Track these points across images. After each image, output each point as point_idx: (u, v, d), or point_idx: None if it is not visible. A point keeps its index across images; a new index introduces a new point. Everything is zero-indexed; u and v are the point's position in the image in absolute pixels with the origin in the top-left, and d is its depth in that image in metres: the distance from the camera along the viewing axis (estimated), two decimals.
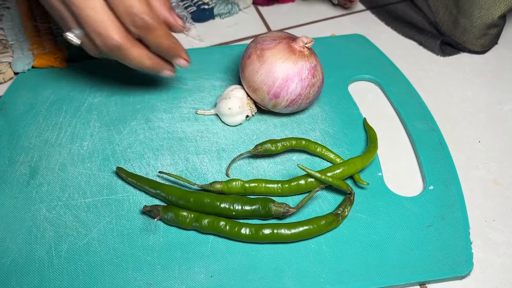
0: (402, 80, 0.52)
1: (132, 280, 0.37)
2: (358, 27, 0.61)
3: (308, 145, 0.44)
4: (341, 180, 0.40)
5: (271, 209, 0.39)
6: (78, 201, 0.42)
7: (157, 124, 0.48)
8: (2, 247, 0.39)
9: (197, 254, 0.38)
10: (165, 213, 0.39)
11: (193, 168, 0.44)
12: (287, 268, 0.37)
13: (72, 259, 0.38)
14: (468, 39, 0.56)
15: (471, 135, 0.48)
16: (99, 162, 0.45)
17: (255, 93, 0.45)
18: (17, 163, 0.45)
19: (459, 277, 0.38)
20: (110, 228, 0.40)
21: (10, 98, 0.51)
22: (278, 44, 0.44)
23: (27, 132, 0.47)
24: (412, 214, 0.41)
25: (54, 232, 0.40)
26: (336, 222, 0.39)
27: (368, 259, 0.38)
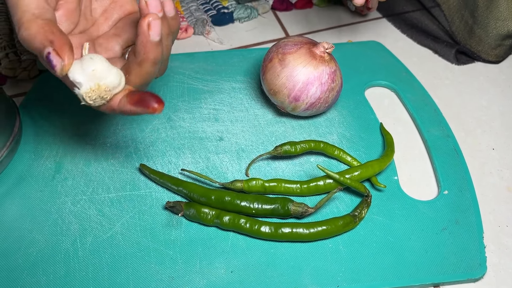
0: (417, 87, 0.54)
1: (154, 273, 0.38)
2: (375, 34, 0.62)
3: (326, 148, 0.45)
4: (359, 182, 0.42)
5: (290, 209, 0.40)
6: (102, 196, 0.43)
7: (178, 123, 0.49)
8: (29, 237, 0.40)
9: (218, 249, 0.39)
10: (187, 209, 0.40)
11: (213, 167, 0.46)
12: (305, 266, 0.39)
13: (96, 251, 0.39)
14: (483, 49, 0.57)
15: (485, 143, 0.49)
16: (122, 158, 0.46)
17: (275, 95, 0.46)
18: (42, 157, 0.46)
19: (473, 280, 0.39)
20: (133, 222, 0.41)
21: (35, 94, 0.53)
22: (300, 49, 0.45)
23: (52, 128, 0.49)
24: (427, 218, 0.42)
25: (79, 225, 0.41)
26: (353, 223, 0.40)
27: (384, 260, 0.39)
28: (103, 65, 0.32)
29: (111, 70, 0.32)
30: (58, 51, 0.30)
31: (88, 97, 0.32)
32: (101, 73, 0.32)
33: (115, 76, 0.32)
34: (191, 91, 0.53)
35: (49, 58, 0.30)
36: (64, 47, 0.31)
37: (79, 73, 0.32)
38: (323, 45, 0.45)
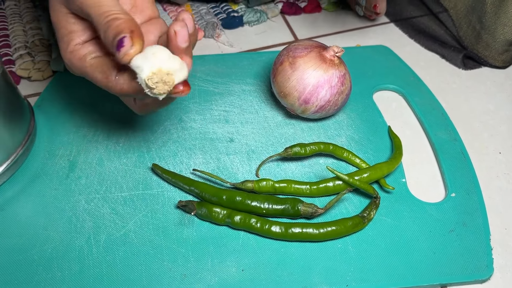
0: (425, 91, 0.54)
1: (167, 271, 0.39)
2: (382, 38, 0.63)
3: (335, 150, 0.46)
4: (368, 184, 0.42)
5: (300, 209, 0.41)
6: (115, 195, 0.44)
7: (189, 124, 0.50)
8: (44, 234, 0.41)
9: (229, 248, 0.40)
10: (199, 209, 0.41)
11: (224, 167, 0.46)
12: (315, 265, 0.39)
13: (110, 249, 0.40)
14: (490, 54, 0.58)
15: (492, 147, 0.50)
16: (134, 158, 0.47)
17: (285, 98, 0.47)
18: (56, 156, 0.47)
19: (480, 281, 0.39)
20: (146, 221, 0.42)
21: (49, 95, 0.53)
22: (310, 52, 0.46)
23: (66, 128, 0.50)
24: (435, 220, 0.42)
25: (92, 222, 0.42)
26: (362, 224, 0.41)
27: (392, 260, 0.40)
28: (163, 51, 0.32)
29: (170, 56, 0.32)
30: (133, 39, 0.32)
31: (150, 81, 0.32)
32: (162, 57, 0.32)
33: (176, 61, 0.32)
34: (201, 93, 0.54)
35: (122, 40, 0.32)
36: (140, 36, 0.33)
37: (140, 58, 0.32)
38: (333, 49, 0.46)
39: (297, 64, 0.46)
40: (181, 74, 0.33)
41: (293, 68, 0.46)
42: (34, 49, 0.59)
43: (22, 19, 0.63)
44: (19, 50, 0.59)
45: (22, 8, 0.65)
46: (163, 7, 0.66)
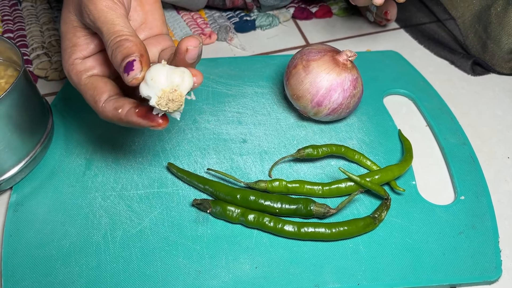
0: (434, 96, 0.55)
1: (182, 267, 0.40)
2: (392, 44, 0.64)
3: (347, 152, 0.47)
4: (379, 186, 0.43)
5: (312, 209, 0.42)
6: (130, 192, 0.45)
7: (203, 125, 0.51)
8: (62, 230, 0.42)
9: (243, 246, 0.41)
10: (214, 207, 0.42)
11: (237, 167, 0.47)
12: (327, 264, 0.40)
13: (126, 245, 0.41)
14: (496, 62, 0.59)
15: (500, 151, 0.50)
16: (150, 157, 0.48)
17: (298, 100, 0.48)
18: (73, 154, 0.48)
19: (488, 282, 0.40)
20: (161, 218, 0.43)
21: (66, 94, 0.55)
22: (323, 56, 0.47)
23: (82, 127, 0.51)
24: (444, 222, 0.43)
25: (109, 219, 0.43)
26: (373, 224, 0.42)
27: (402, 261, 0.40)
28: (160, 72, 0.33)
29: (170, 71, 0.33)
30: (143, 63, 0.33)
31: (160, 105, 0.33)
32: (160, 80, 0.33)
33: (175, 75, 0.33)
34: (215, 95, 0.55)
35: (132, 64, 0.33)
36: (147, 61, 0.34)
37: (144, 87, 0.33)
38: (346, 53, 0.47)
39: (311, 68, 0.47)
40: (185, 85, 0.33)
41: (306, 71, 0.47)
42: (51, 50, 0.60)
43: (38, 20, 0.65)
44: (36, 50, 0.60)
45: (38, 9, 0.67)
46: (177, 11, 0.68)
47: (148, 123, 0.34)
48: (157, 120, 0.34)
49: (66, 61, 0.39)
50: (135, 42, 0.34)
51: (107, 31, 0.35)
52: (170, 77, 0.33)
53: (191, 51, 0.34)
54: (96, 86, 0.38)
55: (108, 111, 0.37)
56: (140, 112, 0.35)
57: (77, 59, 0.39)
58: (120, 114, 0.35)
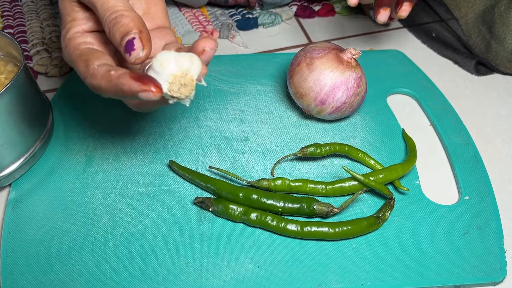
0: (438, 96, 0.55)
1: (183, 266, 0.39)
2: (396, 43, 0.63)
3: (350, 151, 0.46)
4: (383, 185, 0.43)
5: (315, 208, 0.41)
6: (131, 190, 0.44)
7: (205, 123, 0.51)
8: (62, 227, 0.42)
9: (245, 245, 0.41)
10: (216, 205, 0.42)
11: (239, 165, 0.47)
12: (330, 264, 0.40)
13: (127, 243, 0.41)
14: (500, 62, 0.59)
15: (505, 152, 0.50)
16: (151, 155, 0.47)
17: (302, 98, 0.47)
18: (73, 151, 0.48)
19: (493, 283, 0.40)
20: (162, 216, 0.42)
21: (66, 91, 0.54)
22: (327, 54, 0.47)
23: (82, 123, 0.50)
24: (448, 222, 0.43)
25: (109, 217, 0.42)
26: (376, 224, 0.41)
27: (406, 261, 0.40)
28: (168, 57, 0.32)
29: (178, 56, 0.32)
30: (143, 41, 0.32)
31: (172, 91, 0.32)
32: (168, 63, 0.32)
33: (184, 59, 0.32)
34: (217, 92, 0.54)
35: (132, 42, 0.32)
36: (148, 37, 0.33)
37: (153, 74, 0.32)
38: (350, 51, 0.46)
39: (314, 65, 0.46)
40: (195, 68, 0.33)
41: (310, 69, 0.46)
42: (51, 46, 0.59)
43: (39, 16, 0.64)
44: (36, 46, 0.59)
45: (38, 6, 0.66)
46: (179, 8, 0.67)
47: (140, 87, 0.30)
48: (149, 85, 0.30)
49: (64, 36, 0.37)
50: (132, 18, 0.33)
51: (101, 7, 0.34)
52: (179, 61, 0.32)
53: (208, 53, 0.34)
54: (93, 52, 0.35)
55: (98, 73, 0.33)
56: (136, 75, 0.31)
57: (77, 32, 0.37)
58: (112, 75, 0.32)
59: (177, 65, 0.32)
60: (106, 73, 0.33)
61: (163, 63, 0.32)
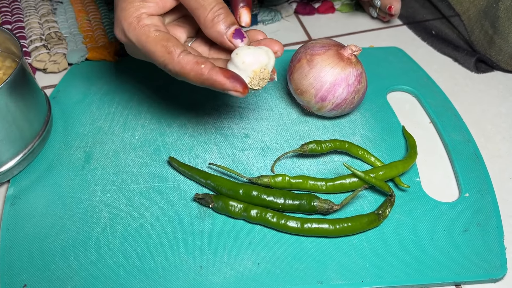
0: (438, 93, 0.55)
1: (183, 262, 0.39)
2: (396, 41, 0.63)
3: (351, 148, 0.46)
4: (384, 182, 0.43)
5: (316, 205, 0.41)
6: (131, 186, 0.44)
7: (205, 119, 0.50)
8: (61, 224, 0.41)
9: (245, 242, 0.40)
10: (216, 202, 0.41)
11: (239, 162, 0.47)
12: (330, 260, 0.39)
13: (126, 239, 0.40)
14: (503, 58, 0.58)
15: (505, 149, 0.50)
16: (150, 151, 0.47)
17: (302, 95, 0.47)
18: (72, 148, 0.47)
19: (493, 280, 0.39)
20: (162, 213, 0.42)
21: (64, 87, 0.54)
22: (328, 50, 0.46)
23: (81, 120, 0.50)
24: (449, 219, 0.43)
25: (109, 213, 0.42)
26: (377, 221, 0.41)
27: (407, 258, 0.40)
28: (248, 53, 0.36)
29: (256, 52, 0.36)
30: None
31: (253, 85, 0.37)
32: (249, 60, 0.36)
33: (262, 55, 0.36)
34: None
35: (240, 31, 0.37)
36: None
37: (235, 69, 0.36)
38: (351, 47, 0.46)
39: (315, 62, 0.46)
40: (271, 62, 0.37)
41: (310, 65, 0.46)
42: (50, 42, 0.59)
43: (37, 12, 0.64)
44: (34, 42, 0.59)
45: (37, 1, 0.66)
46: None
47: (233, 86, 0.35)
48: (239, 85, 0.35)
49: (131, 13, 0.38)
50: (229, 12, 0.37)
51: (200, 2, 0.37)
52: (258, 57, 0.36)
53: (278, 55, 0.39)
54: (169, 38, 0.37)
55: (186, 63, 0.36)
56: (227, 73, 0.35)
57: (144, 13, 0.38)
58: (203, 69, 0.35)
59: (256, 61, 0.36)
60: (196, 66, 0.36)
61: (245, 61, 0.36)
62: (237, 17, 0.39)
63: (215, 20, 0.37)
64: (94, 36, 0.60)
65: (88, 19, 0.63)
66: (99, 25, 0.62)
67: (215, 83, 0.35)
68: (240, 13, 0.39)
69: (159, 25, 0.38)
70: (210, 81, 0.36)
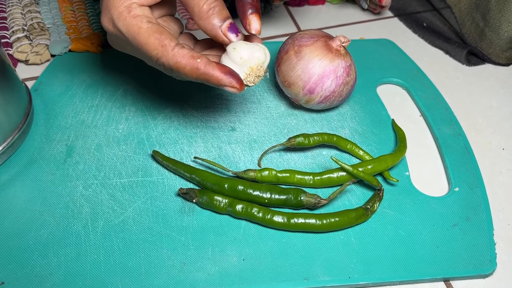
0: (429, 86, 0.54)
1: (166, 259, 0.38)
2: (386, 33, 0.62)
3: (339, 141, 0.45)
4: (372, 176, 0.42)
5: (302, 200, 0.40)
6: (113, 181, 0.43)
7: (190, 112, 0.49)
8: (41, 219, 0.40)
9: (230, 237, 0.39)
10: (200, 197, 0.40)
11: (225, 156, 0.46)
12: (317, 256, 0.39)
13: (108, 235, 0.39)
14: (493, 51, 0.58)
15: (495, 142, 0.49)
16: (134, 145, 0.46)
17: (290, 87, 0.46)
18: (54, 141, 0.46)
19: (483, 276, 0.39)
20: (145, 208, 0.41)
21: (47, 79, 0.52)
22: (316, 41, 0.45)
23: (64, 112, 0.49)
24: (438, 214, 0.42)
25: (90, 208, 0.41)
26: (365, 216, 0.41)
27: (395, 253, 0.39)
28: (246, 49, 0.36)
29: (253, 49, 0.36)
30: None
31: (248, 81, 0.37)
32: (248, 56, 0.36)
33: (259, 52, 0.36)
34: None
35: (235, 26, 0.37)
36: None
37: (230, 65, 0.36)
38: (340, 38, 0.45)
39: (303, 53, 0.45)
40: (267, 60, 0.37)
41: (298, 57, 0.45)
42: (32, 32, 0.57)
43: (20, 2, 0.62)
44: (16, 33, 0.57)
45: None
46: None
47: (230, 82, 0.35)
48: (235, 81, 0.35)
49: (121, 4, 0.36)
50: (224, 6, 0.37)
51: None
52: (256, 54, 0.36)
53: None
54: (163, 31, 0.36)
55: (181, 57, 0.35)
56: (224, 68, 0.35)
57: (135, 3, 0.36)
58: (199, 63, 0.35)
59: (254, 57, 0.36)
60: (191, 60, 0.35)
61: (243, 57, 0.36)
62: (246, 24, 0.38)
63: (210, 12, 0.36)
64: (78, 27, 0.58)
65: (72, 9, 0.61)
66: (83, 16, 0.60)
67: (211, 78, 0.35)
68: (250, 20, 0.38)
69: (150, 17, 0.37)
70: (206, 76, 0.35)
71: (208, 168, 0.44)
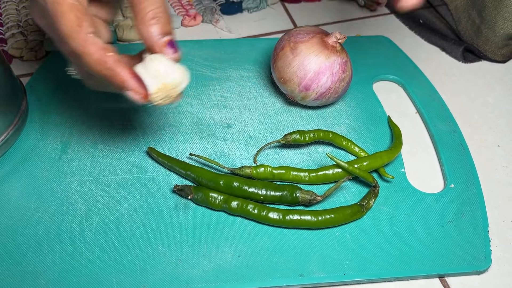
0: (425, 83, 0.54)
1: (161, 256, 0.38)
2: (383, 29, 0.62)
3: (335, 138, 0.45)
4: (368, 173, 0.42)
5: (298, 196, 0.40)
6: (108, 178, 0.43)
7: (186, 109, 0.49)
8: (35, 216, 0.40)
9: (225, 234, 0.39)
10: (196, 193, 0.40)
11: (221, 153, 0.45)
12: (312, 253, 0.39)
13: (103, 232, 0.39)
14: (490, 48, 0.58)
15: (491, 139, 0.49)
16: (129, 141, 0.46)
17: (285, 84, 0.46)
18: (48, 137, 0.46)
19: (478, 272, 0.39)
20: (140, 205, 0.41)
21: (42, 75, 0.52)
22: (312, 38, 0.45)
23: (59, 109, 0.48)
24: (433, 210, 0.42)
25: (85, 205, 0.41)
26: (360, 212, 0.41)
27: (390, 250, 0.39)
28: (165, 64, 0.32)
29: (174, 67, 0.32)
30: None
31: (156, 97, 0.33)
32: (165, 72, 0.32)
33: (179, 73, 0.33)
34: (199, 78, 0.52)
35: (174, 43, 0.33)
36: None
37: (143, 74, 0.32)
38: (336, 35, 0.45)
39: (299, 50, 0.45)
40: (183, 84, 0.34)
41: (294, 53, 0.45)
42: (27, 29, 0.57)
43: None
44: (11, 29, 0.57)
45: None
46: None
47: (135, 86, 0.32)
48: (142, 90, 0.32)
49: None
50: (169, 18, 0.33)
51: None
52: (174, 73, 0.32)
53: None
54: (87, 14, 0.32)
55: (92, 43, 0.31)
56: (132, 72, 0.32)
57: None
58: (108, 57, 0.31)
59: (171, 75, 0.32)
60: (101, 50, 0.31)
61: (160, 70, 0.32)
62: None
63: (153, 21, 0.32)
64: None
65: None
66: None
67: (116, 76, 0.32)
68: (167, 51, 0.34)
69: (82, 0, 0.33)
70: (111, 72, 0.32)
71: (203, 164, 0.44)
